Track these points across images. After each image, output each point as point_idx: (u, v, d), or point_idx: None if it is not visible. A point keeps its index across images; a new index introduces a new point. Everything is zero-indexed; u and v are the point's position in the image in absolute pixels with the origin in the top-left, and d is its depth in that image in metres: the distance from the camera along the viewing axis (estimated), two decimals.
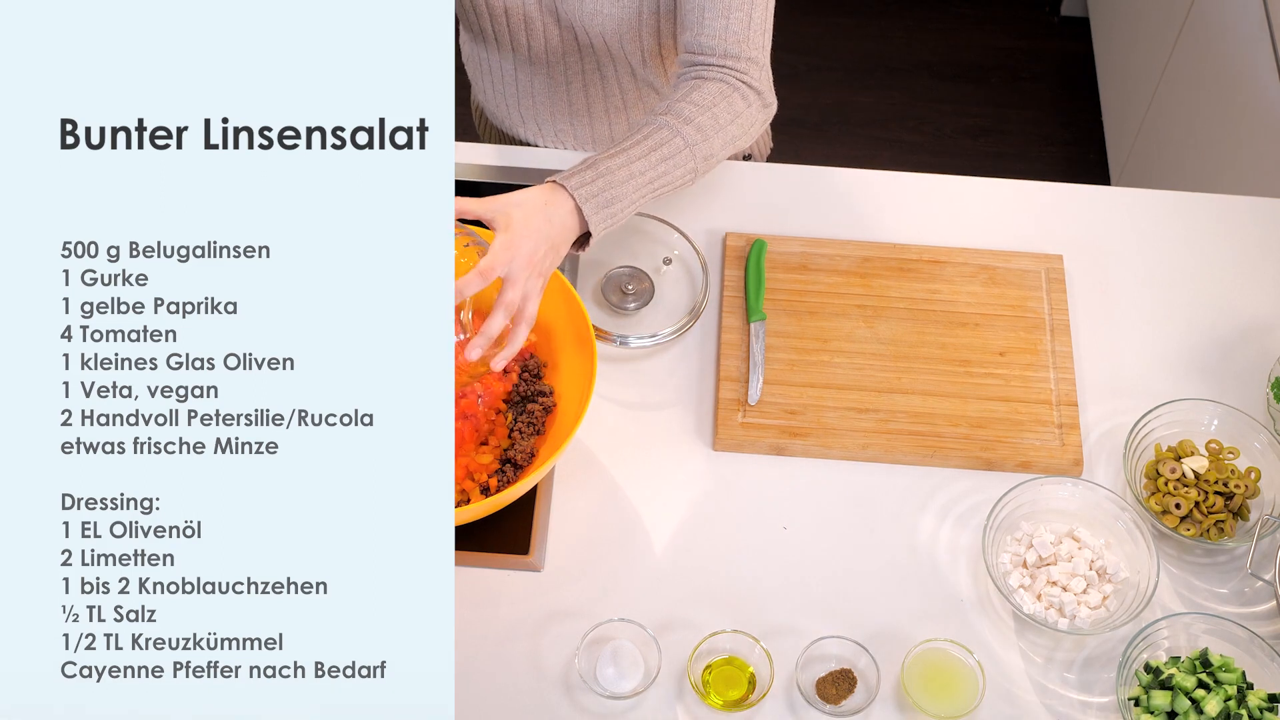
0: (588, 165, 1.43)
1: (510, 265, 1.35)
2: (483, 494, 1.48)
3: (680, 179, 1.48)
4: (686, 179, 1.49)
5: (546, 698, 1.41)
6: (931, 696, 1.39)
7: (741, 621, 1.45)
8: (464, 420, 1.50)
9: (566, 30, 1.66)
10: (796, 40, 3.43)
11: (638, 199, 1.45)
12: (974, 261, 1.71)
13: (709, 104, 1.49)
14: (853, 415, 1.59)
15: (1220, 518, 1.50)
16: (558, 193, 1.41)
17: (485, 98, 1.89)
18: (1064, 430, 1.58)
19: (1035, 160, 3.24)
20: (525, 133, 1.87)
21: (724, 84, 1.51)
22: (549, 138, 1.86)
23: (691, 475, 1.56)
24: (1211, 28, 2.53)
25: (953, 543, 1.52)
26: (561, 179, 1.42)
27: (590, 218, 1.41)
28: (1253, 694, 1.37)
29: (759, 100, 1.53)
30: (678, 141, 1.46)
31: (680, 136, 1.46)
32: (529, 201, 1.39)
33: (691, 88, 1.50)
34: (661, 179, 1.46)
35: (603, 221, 1.43)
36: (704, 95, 1.49)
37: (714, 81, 1.50)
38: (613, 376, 1.62)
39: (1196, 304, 1.70)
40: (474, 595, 1.47)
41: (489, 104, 1.90)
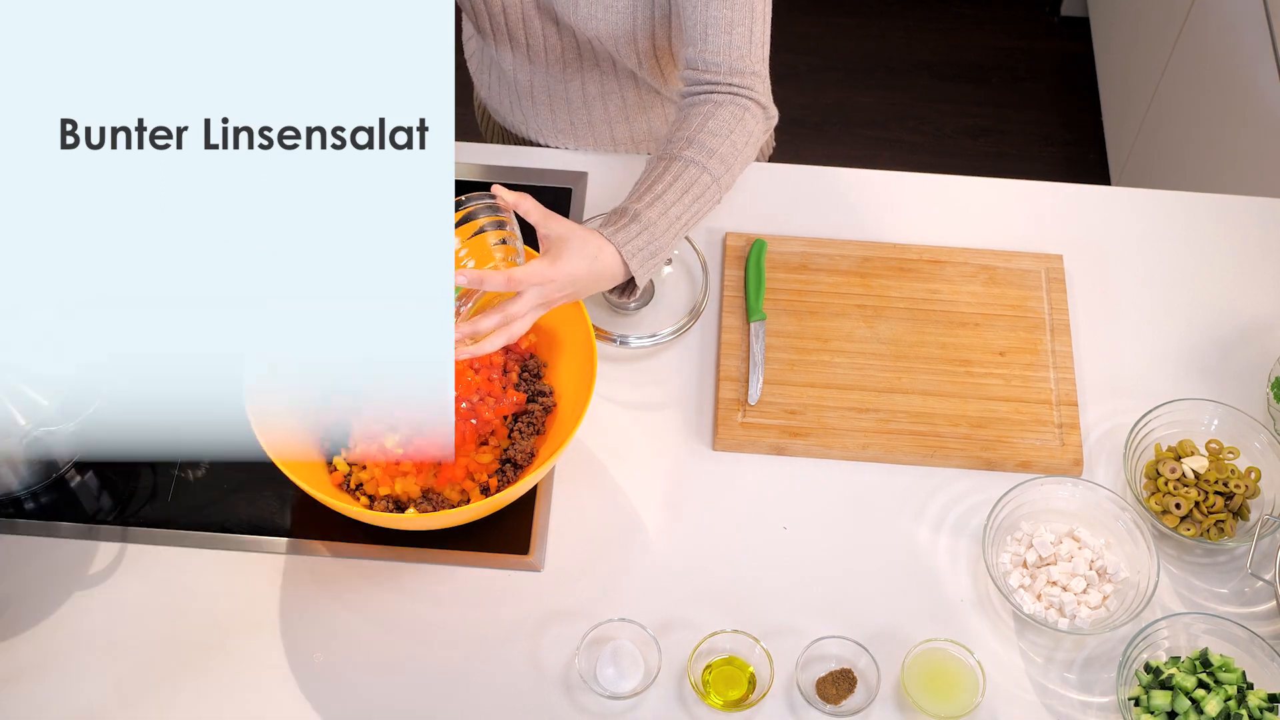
0: (631, 218, 1.46)
1: (536, 288, 1.38)
2: (483, 494, 1.48)
3: (708, 211, 1.53)
4: (713, 209, 1.54)
5: (546, 698, 1.41)
6: (931, 696, 1.39)
7: (741, 621, 1.45)
8: (466, 422, 1.50)
9: (565, 31, 1.67)
10: (796, 40, 3.43)
11: (674, 242, 1.50)
12: (974, 261, 1.71)
13: (726, 131, 1.51)
14: (853, 415, 1.58)
15: (1220, 518, 1.50)
16: (606, 247, 1.43)
17: (488, 95, 1.90)
18: (1064, 430, 1.58)
19: (1035, 160, 3.24)
20: (528, 131, 1.88)
21: (736, 106, 1.53)
22: (550, 136, 1.86)
23: (691, 475, 1.56)
24: (1211, 28, 2.53)
25: (953, 543, 1.52)
26: (609, 234, 1.44)
27: (636, 271, 1.45)
28: (1253, 694, 1.37)
29: (764, 114, 1.56)
30: (706, 179, 1.50)
31: (708, 173, 1.50)
32: (584, 245, 1.41)
33: (707, 115, 1.52)
34: (695, 217, 1.51)
35: (647, 273, 1.47)
36: (720, 123, 1.52)
37: (726, 105, 1.53)
38: (613, 376, 1.62)
39: (1196, 304, 1.70)
40: (474, 595, 1.47)
41: (492, 101, 1.90)
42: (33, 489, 1.53)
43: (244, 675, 1.42)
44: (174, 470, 1.55)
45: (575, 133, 1.84)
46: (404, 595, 1.47)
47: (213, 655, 1.43)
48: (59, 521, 1.51)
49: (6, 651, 1.43)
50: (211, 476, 1.55)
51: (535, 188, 1.77)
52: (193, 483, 1.54)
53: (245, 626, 1.44)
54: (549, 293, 1.39)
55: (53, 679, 1.41)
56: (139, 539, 1.50)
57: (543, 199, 1.76)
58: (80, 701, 1.40)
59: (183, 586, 1.47)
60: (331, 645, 1.44)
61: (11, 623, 1.44)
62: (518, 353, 1.56)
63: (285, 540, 1.50)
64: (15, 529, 1.50)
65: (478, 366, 1.52)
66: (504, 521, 1.50)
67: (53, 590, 1.46)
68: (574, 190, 1.77)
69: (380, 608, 1.46)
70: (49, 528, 1.51)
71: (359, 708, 1.40)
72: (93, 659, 1.42)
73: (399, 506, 1.47)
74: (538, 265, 1.38)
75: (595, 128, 1.83)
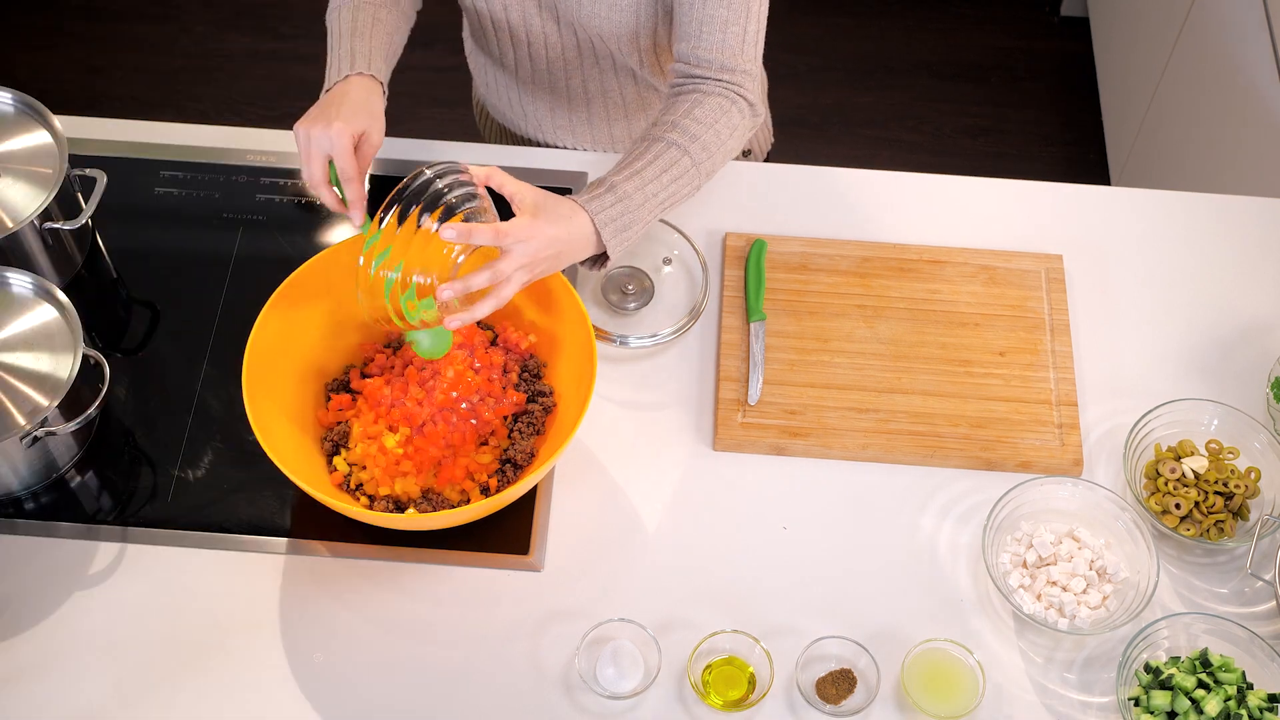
0: (606, 188, 1.46)
1: (521, 244, 1.37)
2: (483, 494, 1.48)
3: (687, 195, 1.52)
4: (691, 194, 1.53)
5: (546, 698, 1.41)
6: (931, 696, 1.39)
7: (741, 621, 1.45)
8: (466, 422, 1.50)
9: (566, 29, 1.67)
10: (796, 40, 3.43)
11: (650, 220, 1.49)
12: (974, 261, 1.71)
13: (711, 120, 1.52)
14: (853, 415, 1.58)
15: (1220, 518, 1.50)
16: (579, 212, 1.43)
17: (487, 93, 1.90)
18: (1064, 430, 1.58)
19: (1035, 160, 3.24)
20: (527, 128, 1.88)
21: (723, 99, 1.54)
22: (549, 134, 1.86)
23: (691, 475, 1.56)
24: (1211, 28, 2.53)
25: (953, 543, 1.52)
26: (582, 201, 1.44)
27: (608, 241, 1.45)
28: (1253, 694, 1.37)
29: (750, 111, 1.56)
30: (686, 161, 1.50)
31: (688, 156, 1.50)
32: (557, 207, 1.42)
33: (694, 103, 1.53)
34: (672, 198, 1.50)
35: (619, 245, 1.46)
36: (706, 112, 1.52)
37: (714, 96, 1.54)
38: (613, 376, 1.62)
39: (1196, 304, 1.70)
40: (474, 595, 1.47)
41: (490, 99, 1.90)
42: (33, 489, 1.53)
43: (244, 675, 1.42)
44: (174, 470, 1.55)
45: (574, 130, 1.84)
46: (404, 595, 1.47)
47: (213, 655, 1.43)
48: (59, 521, 1.51)
49: (6, 651, 1.43)
50: (211, 476, 1.55)
51: None
52: (193, 483, 1.54)
53: (245, 626, 1.44)
54: (534, 250, 1.38)
55: (53, 679, 1.41)
56: (139, 539, 1.50)
57: None
58: (80, 701, 1.40)
59: (183, 586, 1.47)
60: (331, 645, 1.44)
61: (11, 623, 1.44)
62: (518, 353, 1.56)
63: (285, 540, 1.50)
64: (15, 529, 1.50)
65: (478, 367, 1.52)
66: (504, 521, 1.50)
67: (53, 590, 1.46)
68: (573, 190, 1.77)
69: (380, 608, 1.46)
70: (49, 528, 1.51)
71: (359, 708, 1.40)
72: (93, 659, 1.42)
73: (399, 507, 1.47)
74: (522, 220, 1.38)
75: (594, 125, 1.83)
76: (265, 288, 1.51)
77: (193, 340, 1.65)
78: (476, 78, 1.91)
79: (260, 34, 3.41)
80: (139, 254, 1.73)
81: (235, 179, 1.78)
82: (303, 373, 1.53)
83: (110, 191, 1.69)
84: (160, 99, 3.29)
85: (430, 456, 1.48)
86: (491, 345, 1.57)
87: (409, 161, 1.79)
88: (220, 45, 3.39)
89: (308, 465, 1.46)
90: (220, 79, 3.33)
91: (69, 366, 1.49)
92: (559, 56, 1.72)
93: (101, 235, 1.73)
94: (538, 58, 1.74)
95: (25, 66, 3.33)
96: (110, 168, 1.72)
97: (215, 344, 1.64)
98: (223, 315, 1.67)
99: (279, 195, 1.77)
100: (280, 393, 1.48)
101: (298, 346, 1.52)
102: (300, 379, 1.53)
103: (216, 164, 1.80)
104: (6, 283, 1.55)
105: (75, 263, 1.69)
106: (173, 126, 1.83)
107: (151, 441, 1.58)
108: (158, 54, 3.37)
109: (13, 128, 1.65)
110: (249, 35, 3.41)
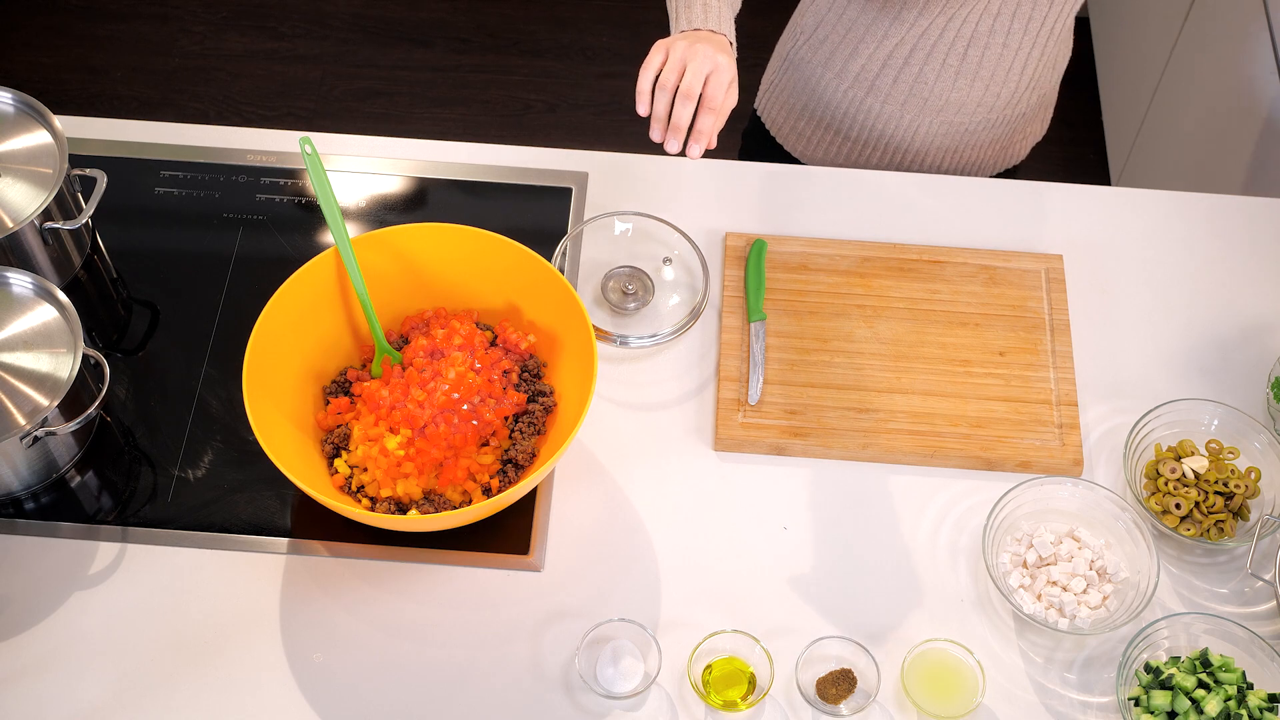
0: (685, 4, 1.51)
1: (657, 53, 1.43)
2: (484, 494, 1.48)
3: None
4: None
5: (546, 698, 1.41)
6: (931, 696, 1.39)
7: (741, 621, 1.45)
8: (467, 423, 1.50)
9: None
10: None
11: None
12: (974, 261, 1.71)
13: None
14: (853, 415, 1.58)
15: (1220, 518, 1.50)
16: None
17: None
18: (1064, 430, 1.58)
19: (1035, 160, 3.23)
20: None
21: None
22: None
23: (692, 475, 1.56)
24: (1211, 28, 2.53)
25: (953, 543, 1.52)
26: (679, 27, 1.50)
27: (694, 21, 1.49)
28: (1253, 694, 1.37)
29: None
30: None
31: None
32: None
33: None
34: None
35: (726, 23, 1.50)
36: None
37: None
38: (613, 376, 1.62)
39: (1196, 304, 1.70)
40: (474, 595, 1.47)
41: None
42: (33, 489, 1.53)
43: (244, 675, 1.42)
44: (174, 470, 1.55)
45: None
46: (403, 596, 1.47)
47: (213, 655, 1.43)
48: (59, 521, 1.51)
49: (6, 651, 1.43)
50: (211, 476, 1.55)
51: (535, 188, 1.77)
52: (193, 483, 1.54)
53: (245, 626, 1.44)
54: (665, 44, 1.44)
55: (53, 679, 1.41)
56: (139, 539, 1.50)
57: (543, 199, 1.77)
58: (80, 701, 1.40)
59: (183, 586, 1.47)
60: (331, 645, 1.44)
61: (11, 623, 1.44)
62: (518, 353, 1.56)
63: (285, 540, 1.50)
64: (15, 529, 1.50)
65: (478, 368, 1.52)
66: (504, 522, 1.50)
67: (53, 590, 1.46)
68: (574, 190, 1.77)
69: (379, 608, 1.46)
70: (49, 528, 1.51)
71: (359, 708, 1.40)
72: (93, 659, 1.42)
73: (401, 508, 1.47)
74: None
75: None
76: (265, 288, 1.51)
77: (193, 340, 1.65)
78: None
79: (260, 34, 3.41)
80: (139, 254, 1.73)
81: (235, 179, 1.78)
82: (303, 373, 1.53)
83: (110, 191, 1.69)
84: (160, 99, 3.29)
85: (432, 458, 1.48)
86: (491, 346, 1.57)
87: (409, 161, 1.79)
88: (220, 45, 3.39)
89: (308, 466, 1.46)
90: (220, 79, 3.33)
91: (69, 366, 1.49)
92: None
93: (101, 235, 1.73)
94: None
95: (25, 66, 3.33)
96: (110, 168, 1.72)
97: (215, 344, 1.64)
98: (223, 315, 1.67)
99: (279, 195, 1.77)
100: (280, 393, 1.48)
101: (298, 347, 1.52)
102: (301, 379, 1.53)
103: (216, 164, 1.80)
104: (6, 283, 1.55)
105: (75, 263, 1.69)
106: (173, 126, 1.83)
107: (151, 441, 1.58)
108: (158, 54, 3.37)
109: (13, 128, 1.65)
110: (249, 35, 3.41)
